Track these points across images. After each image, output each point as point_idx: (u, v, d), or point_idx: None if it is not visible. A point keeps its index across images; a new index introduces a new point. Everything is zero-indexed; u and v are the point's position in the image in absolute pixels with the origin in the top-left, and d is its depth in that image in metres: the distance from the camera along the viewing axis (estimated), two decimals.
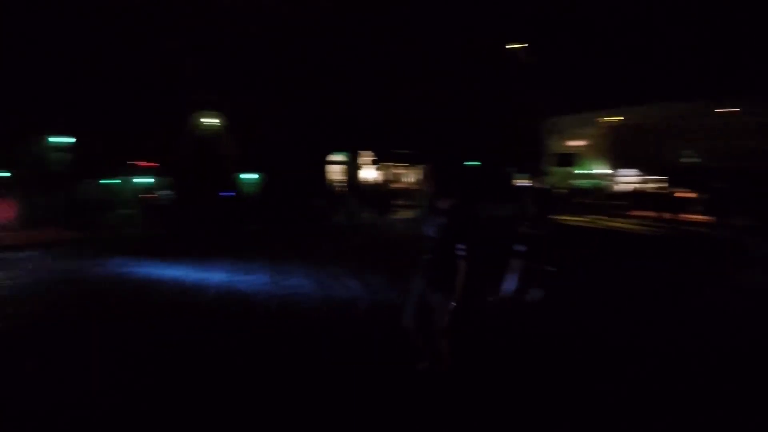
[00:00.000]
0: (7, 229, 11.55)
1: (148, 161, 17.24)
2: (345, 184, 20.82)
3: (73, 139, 16.35)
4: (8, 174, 15.81)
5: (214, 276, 6.93)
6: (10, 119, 15.06)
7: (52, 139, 16.11)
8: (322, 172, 20.55)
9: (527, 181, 20.21)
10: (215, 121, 18.46)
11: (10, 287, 6.23)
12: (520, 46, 23.31)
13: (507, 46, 22.99)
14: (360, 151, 22.19)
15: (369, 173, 23.32)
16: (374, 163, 23.36)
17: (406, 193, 21.36)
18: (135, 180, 16.48)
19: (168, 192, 16.06)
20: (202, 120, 18.27)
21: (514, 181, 22.11)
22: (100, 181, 15.98)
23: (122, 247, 9.68)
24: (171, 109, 16.98)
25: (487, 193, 15.96)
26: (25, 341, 4.29)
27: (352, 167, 22.15)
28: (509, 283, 5.43)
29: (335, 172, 21.78)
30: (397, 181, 25.39)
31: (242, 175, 17.79)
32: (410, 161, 24.16)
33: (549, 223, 6.04)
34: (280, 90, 17.89)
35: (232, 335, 4.38)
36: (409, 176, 25.37)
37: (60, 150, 16.36)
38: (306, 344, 4.12)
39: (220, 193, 15.37)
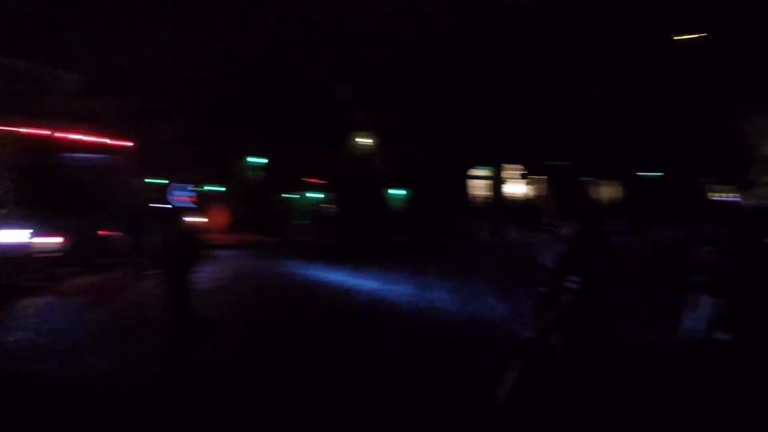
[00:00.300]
0: (221, 232, 14.95)
1: (318, 179, 20.12)
2: (489, 200, 20.55)
3: (265, 160, 20.15)
4: (223, 189, 20.35)
5: (367, 283, 7.79)
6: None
7: (250, 160, 20.14)
8: (464, 188, 20.68)
9: (732, 195, 16.65)
10: (368, 140, 20.41)
11: (222, 278, 8.18)
12: (696, 36, 19.17)
13: (676, 38, 19.16)
14: (506, 165, 21.56)
15: (516, 188, 22.41)
16: (523, 177, 22.38)
17: None
18: (309, 195, 19.39)
19: (332, 206, 18.41)
20: (358, 140, 20.40)
21: (711, 195, 18.46)
22: (284, 195, 19.22)
23: (298, 251, 11.63)
24: (334, 132, 19.44)
25: (664, 211, 13.73)
26: (232, 324, 5.62)
27: (497, 182, 21.68)
28: (689, 321, 4.54)
29: (479, 187, 21.61)
30: None
31: (391, 191, 19.20)
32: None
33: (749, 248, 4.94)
34: (426, 106, 18.68)
35: (380, 339, 4.91)
36: None
37: (257, 169, 20.39)
38: (449, 357, 4.30)
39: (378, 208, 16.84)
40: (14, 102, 12.92)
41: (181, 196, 13.53)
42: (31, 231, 8.17)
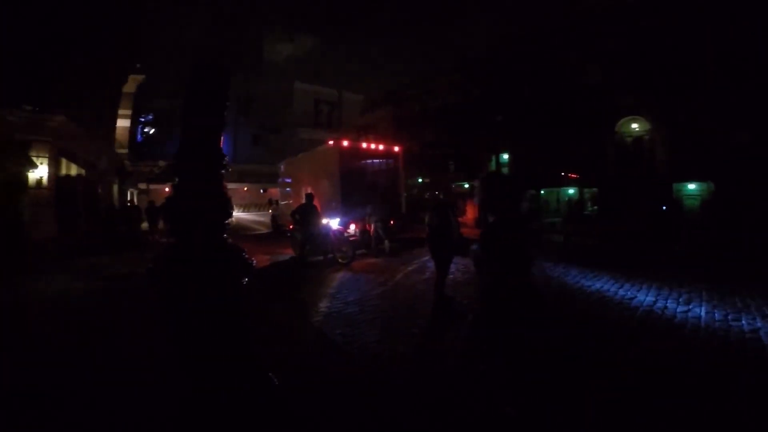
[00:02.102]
0: (469, 227, 15.32)
1: (572, 173, 17.99)
2: None
3: (515, 156, 19.52)
4: (468, 185, 20.92)
5: (641, 296, 6.21)
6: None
7: (502, 156, 19.89)
8: None
9: None
10: (638, 126, 16.73)
11: (472, 272, 8.17)
12: None
13: None
14: None
15: None
16: None
17: None
18: (562, 191, 17.59)
19: (589, 203, 16.09)
20: (625, 126, 17.01)
21: None
22: (533, 192, 18.09)
23: (549, 252, 10.57)
24: (594, 118, 16.81)
25: None
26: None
27: None
28: None
29: None
30: None
31: (682, 186, 15.07)
32: None
33: None
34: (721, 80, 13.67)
35: (657, 364, 3.70)
36: None
37: (507, 165, 20.01)
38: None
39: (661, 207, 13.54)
40: (322, 119, 16.97)
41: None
42: (340, 219, 10.52)
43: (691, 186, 15.10)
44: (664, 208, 13.61)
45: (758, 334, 4.47)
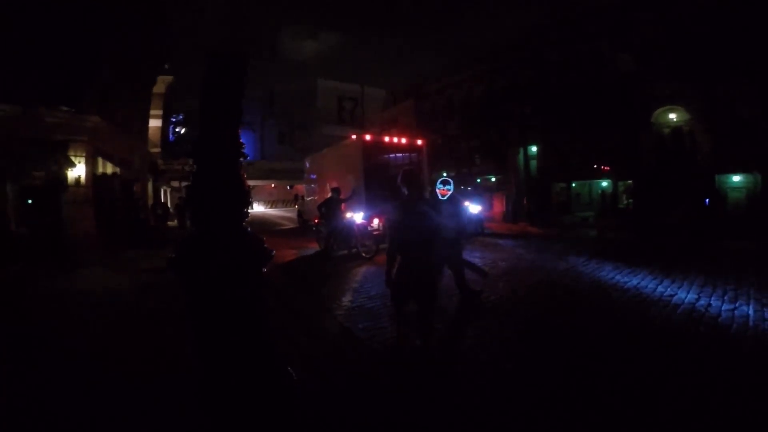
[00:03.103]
0: (496, 221, 14.98)
1: (605, 165, 17.30)
2: None
3: (543, 147, 18.91)
4: (495, 178, 20.42)
5: (681, 293, 5.84)
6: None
7: (531, 148, 19.32)
8: None
9: None
10: (677, 116, 15.85)
11: (500, 267, 7.96)
12: None
13: None
14: None
15: None
16: None
17: None
18: (594, 183, 16.94)
19: (626, 196, 15.44)
20: (663, 117, 16.16)
21: None
22: (565, 185, 17.49)
23: (581, 247, 10.17)
24: (628, 108, 16.05)
25: None
26: (510, 311, 5.27)
27: None
28: None
29: None
30: None
31: (726, 177, 14.19)
32: None
33: None
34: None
35: (697, 367, 3.43)
36: None
37: (536, 158, 19.40)
38: None
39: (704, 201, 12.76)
40: (345, 115, 16.98)
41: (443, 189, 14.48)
42: (364, 213, 10.41)
43: (736, 178, 14.20)
44: (707, 201, 12.87)
45: None
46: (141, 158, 18.40)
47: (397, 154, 12.97)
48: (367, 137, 11.73)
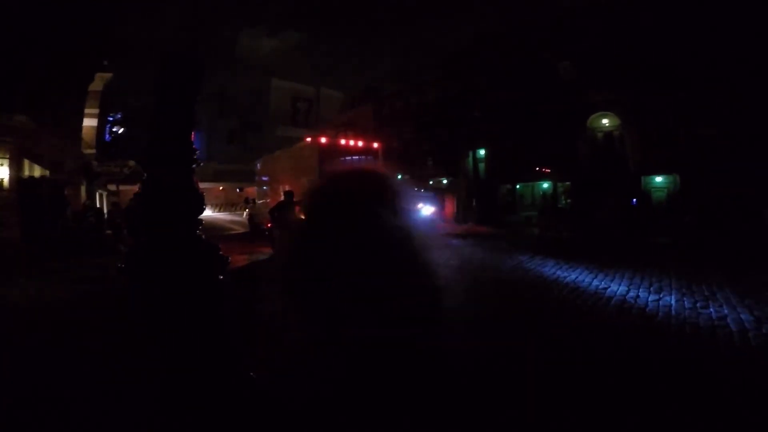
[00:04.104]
0: (447, 222, 15.48)
1: (548, 167, 18.39)
2: None
3: (491, 150, 19.80)
4: (446, 180, 21.09)
5: (614, 286, 6.41)
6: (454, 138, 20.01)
7: (479, 151, 20.16)
8: None
9: None
10: (609, 121, 17.26)
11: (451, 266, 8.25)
12: None
13: None
14: None
15: None
16: None
17: None
18: (537, 185, 17.95)
19: (563, 197, 16.48)
20: (596, 122, 17.52)
21: None
22: (509, 186, 18.39)
23: (525, 245, 10.78)
24: (567, 114, 17.20)
25: None
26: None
27: None
28: None
29: None
30: None
31: (650, 179, 15.61)
32: None
33: None
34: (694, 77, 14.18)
35: (633, 353, 3.82)
36: None
37: (483, 160, 20.25)
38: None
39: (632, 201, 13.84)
40: (299, 117, 16.78)
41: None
42: None
43: (659, 179, 15.68)
44: (635, 200, 14.08)
45: (726, 322, 4.66)
46: (74, 160, 17.10)
47: (354, 157, 13.07)
48: (324, 140, 11.72)
